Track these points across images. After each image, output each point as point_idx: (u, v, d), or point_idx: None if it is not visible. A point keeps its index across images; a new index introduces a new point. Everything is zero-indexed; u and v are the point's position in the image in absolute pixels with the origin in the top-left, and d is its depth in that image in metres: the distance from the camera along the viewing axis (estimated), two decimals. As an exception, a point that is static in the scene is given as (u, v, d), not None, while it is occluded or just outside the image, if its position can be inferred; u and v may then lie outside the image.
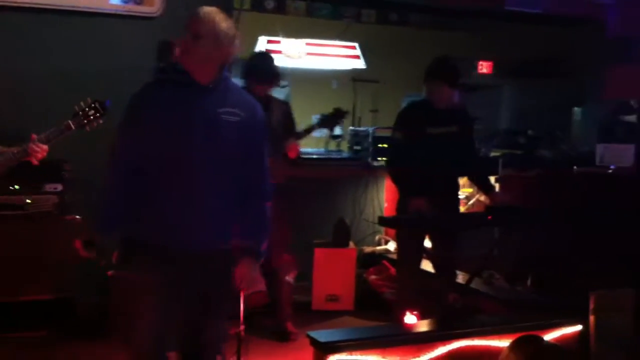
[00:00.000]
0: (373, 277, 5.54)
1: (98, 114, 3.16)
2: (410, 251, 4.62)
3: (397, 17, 7.91)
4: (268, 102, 4.42)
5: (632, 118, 6.87)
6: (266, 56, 4.65)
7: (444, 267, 4.69)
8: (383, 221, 4.85)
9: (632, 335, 4.30)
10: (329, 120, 4.41)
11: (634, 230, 4.74)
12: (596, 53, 6.92)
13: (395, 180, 4.63)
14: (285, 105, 4.66)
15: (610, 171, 5.46)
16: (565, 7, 6.60)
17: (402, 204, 4.58)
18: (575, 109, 7.97)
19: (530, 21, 7.19)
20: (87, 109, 3.16)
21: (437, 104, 4.48)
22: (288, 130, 4.50)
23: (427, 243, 4.76)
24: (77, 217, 4.57)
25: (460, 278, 4.86)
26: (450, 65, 4.55)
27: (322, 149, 6.31)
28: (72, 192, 4.66)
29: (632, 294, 4.30)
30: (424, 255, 4.84)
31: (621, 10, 6.70)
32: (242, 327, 3.98)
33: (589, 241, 4.64)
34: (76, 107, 3.18)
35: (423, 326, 4.06)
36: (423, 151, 4.42)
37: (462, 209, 5.43)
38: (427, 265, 4.98)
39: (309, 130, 4.35)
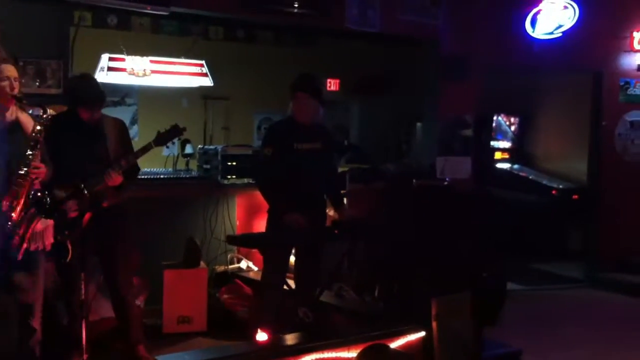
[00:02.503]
0: (226, 296, 5.49)
1: None
2: (274, 268, 4.66)
3: (245, 34, 7.95)
4: (99, 124, 4.27)
5: (468, 132, 7.31)
6: (86, 78, 4.44)
7: (306, 282, 4.76)
8: (232, 240, 4.84)
9: (472, 336, 4.53)
10: (164, 138, 4.29)
11: (468, 237, 5.02)
12: (433, 70, 7.28)
13: (266, 196, 4.69)
14: (119, 123, 4.49)
15: (445, 183, 5.77)
16: (401, 27, 6.91)
17: (272, 220, 4.65)
18: (418, 124, 8.37)
19: (373, 40, 7.47)
20: None
21: (303, 119, 4.62)
22: (125, 149, 4.34)
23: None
24: None
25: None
26: (315, 80, 4.77)
27: (169, 169, 6.21)
28: None
29: (469, 297, 4.54)
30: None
31: (451, 31, 7.11)
32: (85, 356, 3.83)
33: (429, 250, 4.85)
34: None
35: (273, 343, 4.09)
36: (290, 167, 4.54)
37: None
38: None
39: (144, 150, 4.22)
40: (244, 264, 5.99)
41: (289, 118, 4.72)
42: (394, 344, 4.20)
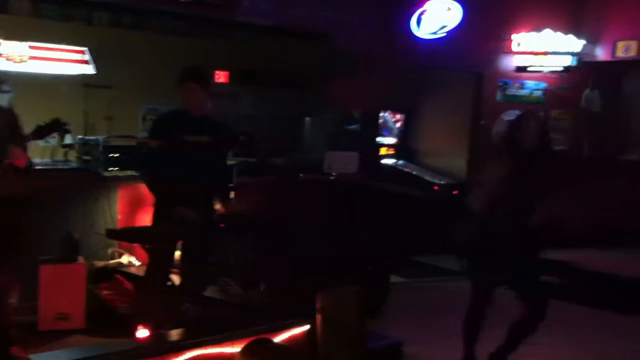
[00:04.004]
0: (106, 292, 5.33)
1: None
2: (158, 263, 4.58)
3: (131, 21, 7.70)
4: None
5: (356, 128, 7.45)
6: None
7: (191, 277, 4.70)
8: (113, 234, 4.71)
9: (356, 329, 4.61)
10: (42, 132, 4.13)
11: (353, 232, 5.10)
12: (325, 65, 7.35)
13: (152, 189, 4.64)
14: (5, 113, 4.28)
15: (332, 178, 5.84)
16: (294, 21, 6.93)
17: (158, 213, 4.59)
18: (307, 118, 8.42)
19: (266, 33, 7.44)
20: None
21: (191, 110, 4.58)
22: (12, 138, 4.15)
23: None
24: None
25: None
26: (203, 70, 4.78)
27: (47, 159, 5.95)
28: None
29: (355, 291, 4.61)
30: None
31: (347, 26, 7.20)
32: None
33: (316, 244, 4.90)
34: None
35: (155, 339, 4.00)
36: (178, 160, 4.48)
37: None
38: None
39: (20, 143, 4.04)
40: (125, 259, 5.84)
41: (178, 110, 4.68)
42: (278, 338, 4.20)
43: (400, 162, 9.53)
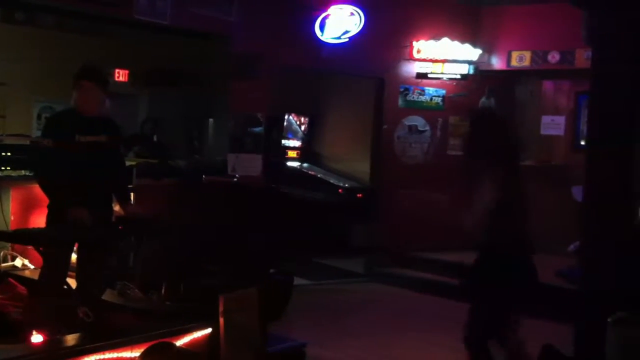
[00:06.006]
0: (-3, 297, 5.10)
1: None
2: (54, 266, 4.46)
3: (25, 16, 7.40)
4: None
5: (259, 130, 7.42)
6: None
7: (88, 280, 4.59)
8: (5, 236, 4.53)
9: (258, 332, 4.60)
10: None
11: (257, 234, 5.09)
12: (226, 67, 7.29)
13: (46, 191, 4.51)
14: None
15: (235, 180, 5.81)
16: (193, 21, 6.84)
17: (53, 215, 4.47)
18: (210, 119, 8.33)
19: (164, 32, 7.31)
20: None
21: (87, 109, 4.49)
22: None
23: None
24: None
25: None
26: (100, 69, 4.67)
27: None
28: None
29: (256, 293, 4.60)
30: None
31: (245, 28, 7.16)
32: None
33: (217, 246, 4.85)
34: None
35: (50, 345, 3.86)
36: (72, 160, 4.39)
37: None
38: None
39: None
40: (19, 262, 5.63)
41: (72, 108, 4.57)
42: (179, 342, 4.14)
43: (305, 165, 9.60)
